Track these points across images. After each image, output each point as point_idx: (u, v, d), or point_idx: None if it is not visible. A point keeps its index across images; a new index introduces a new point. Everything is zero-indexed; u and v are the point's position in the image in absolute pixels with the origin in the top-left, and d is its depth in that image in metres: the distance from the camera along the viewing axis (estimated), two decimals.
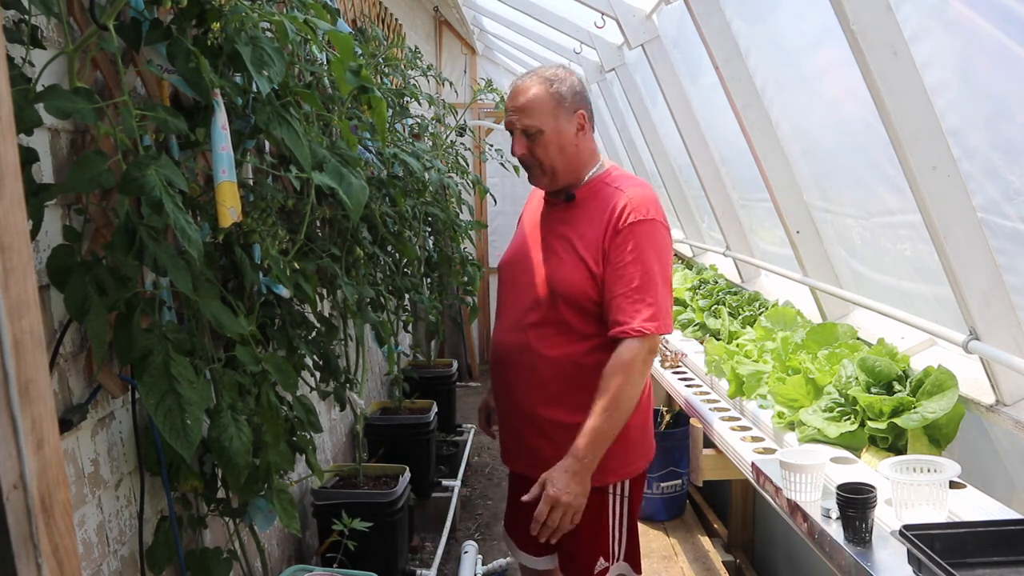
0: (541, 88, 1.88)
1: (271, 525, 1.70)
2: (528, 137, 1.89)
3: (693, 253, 4.35)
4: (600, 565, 1.95)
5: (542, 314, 1.92)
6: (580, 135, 1.90)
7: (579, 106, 1.90)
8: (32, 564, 0.57)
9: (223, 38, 1.38)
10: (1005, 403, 1.70)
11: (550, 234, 1.98)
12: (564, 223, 1.94)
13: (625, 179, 1.93)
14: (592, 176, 1.94)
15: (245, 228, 1.61)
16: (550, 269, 1.92)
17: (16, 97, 1.05)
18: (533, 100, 1.87)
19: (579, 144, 1.91)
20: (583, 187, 1.94)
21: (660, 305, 1.79)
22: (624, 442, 1.89)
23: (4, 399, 0.55)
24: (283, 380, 1.61)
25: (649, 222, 1.82)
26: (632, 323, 1.77)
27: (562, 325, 1.89)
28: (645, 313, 1.77)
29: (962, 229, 1.63)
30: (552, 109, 1.87)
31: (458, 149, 3.72)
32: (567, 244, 1.91)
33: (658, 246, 1.83)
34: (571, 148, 1.90)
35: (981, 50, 1.58)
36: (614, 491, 1.94)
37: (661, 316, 1.79)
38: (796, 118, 2.47)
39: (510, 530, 2.18)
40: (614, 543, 1.96)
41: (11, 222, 0.55)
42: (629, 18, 3.28)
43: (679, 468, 3.47)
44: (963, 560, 1.26)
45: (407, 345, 4.21)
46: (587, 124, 1.92)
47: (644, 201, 1.84)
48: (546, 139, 1.88)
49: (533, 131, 1.88)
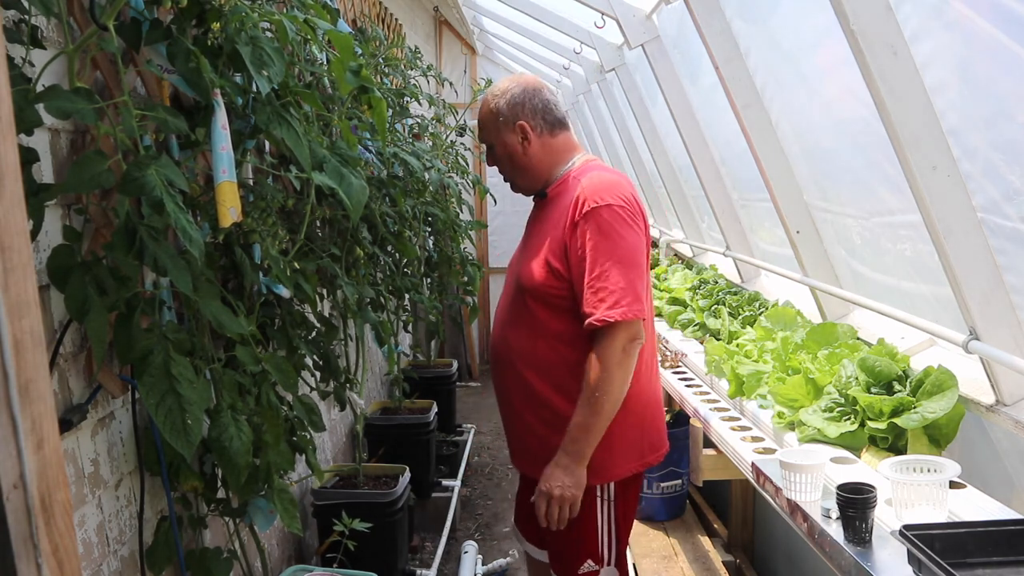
0: (486, 106, 1.99)
1: (271, 525, 1.70)
2: (488, 151, 2.03)
3: (693, 253, 4.35)
4: (588, 567, 1.95)
5: (516, 311, 1.96)
6: (526, 144, 1.95)
7: (518, 118, 1.94)
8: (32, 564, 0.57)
9: (223, 38, 1.38)
10: (1005, 403, 1.70)
11: (531, 233, 2.04)
12: (539, 221, 2.00)
13: (588, 170, 1.93)
14: (563, 172, 1.97)
15: (245, 228, 1.61)
16: (521, 266, 1.95)
17: (16, 97, 1.05)
18: (481, 118, 2.00)
19: (528, 152, 1.96)
20: (554, 185, 1.98)
21: (623, 290, 1.75)
22: (609, 443, 1.89)
23: (4, 399, 0.55)
24: (283, 380, 1.61)
25: (603, 208, 1.79)
26: (596, 313, 1.76)
27: (533, 321, 1.91)
28: (608, 301, 1.75)
29: (962, 229, 1.63)
30: (494, 124, 1.97)
31: (458, 149, 3.72)
32: (538, 241, 1.94)
33: (616, 230, 1.79)
34: (520, 158, 1.97)
35: (981, 50, 1.58)
36: (600, 493, 1.94)
37: (625, 301, 1.74)
38: (796, 118, 2.47)
39: (518, 521, 2.24)
40: (603, 547, 1.95)
41: (11, 222, 0.55)
42: (629, 18, 3.28)
43: (679, 468, 3.47)
44: (963, 560, 1.26)
45: (407, 345, 4.21)
46: (532, 132, 1.95)
47: (597, 188, 1.82)
48: (497, 152, 2.00)
49: (488, 145, 2.01)
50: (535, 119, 1.94)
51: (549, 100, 1.98)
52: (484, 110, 1.99)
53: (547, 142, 1.97)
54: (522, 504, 2.17)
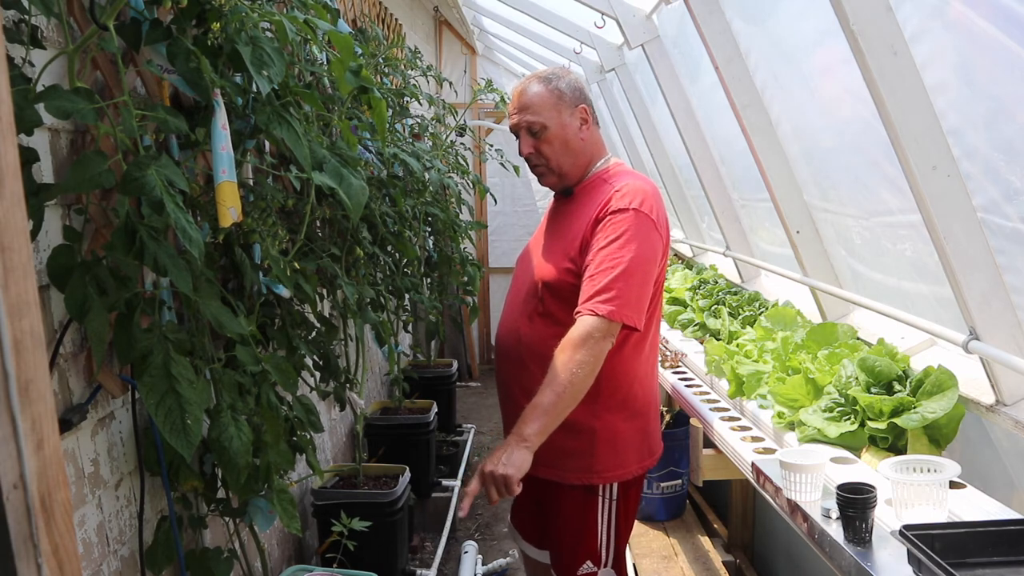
0: (540, 86, 1.90)
1: (271, 525, 1.70)
2: (533, 135, 1.90)
3: (693, 253, 4.35)
4: (587, 568, 1.94)
5: (532, 307, 1.94)
6: (584, 129, 1.92)
7: (580, 101, 1.91)
8: (32, 564, 0.57)
9: (223, 38, 1.38)
10: (1005, 403, 1.70)
11: (550, 229, 2.01)
12: (562, 217, 1.98)
13: (623, 175, 1.92)
14: (594, 171, 1.95)
15: (245, 228, 1.61)
16: (540, 262, 1.94)
17: (16, 97, 1.05)
18: (534, 98, 1.89)
19: (584, 138, 1.92)
20: (584, 182, 1.95)
21: (623, 292, 1.72)
22: (613, 444, 1.89)
23: (4, 399, 0.55)
24: (283, 380, 1.61)
25: (631, 212, 1.78)
26: (588, 303, 1.73)
27: (549, 318, 1.90)
28: (604, 295, 1.72)
29: (962, 229, 1.63)
30: (554, 104, 1.88)
31: (458, 149, 3.72)
32: (559, 237, 1.93)
33: (635, 235, 1.76)
34: (576, 143, 1.91)
35: (981, 50, 1.58)
36: (603, 493, 1.94)
37: (619, 301, 1.71)
38: (796, 118, 2.47)
39: (515, 521, 2.23)
40: (602, 547, 1.95)
41: (11, 222, 0.55)
42: (629, 18, 3.28)
43: (679, 468, 3.47)
44: (963, 560, 1.26)
45: (407, 345, 4.21)
46: (590, 119, 1.93)
47: (630, 192, 1.82)
48: (551, 135, 1.89)
49: (537, 128, 1.89)
50: (591, 108, 1.94)
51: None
52: (540, 90, 1.89)
53: (595, 133, 1.96)
54: (519, 504, 2.17)
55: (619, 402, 1.91)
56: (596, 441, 1.90)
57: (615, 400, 1.91)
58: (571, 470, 1.92)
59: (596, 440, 1.90)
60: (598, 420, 1.90)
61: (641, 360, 1.95)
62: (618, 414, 1.92)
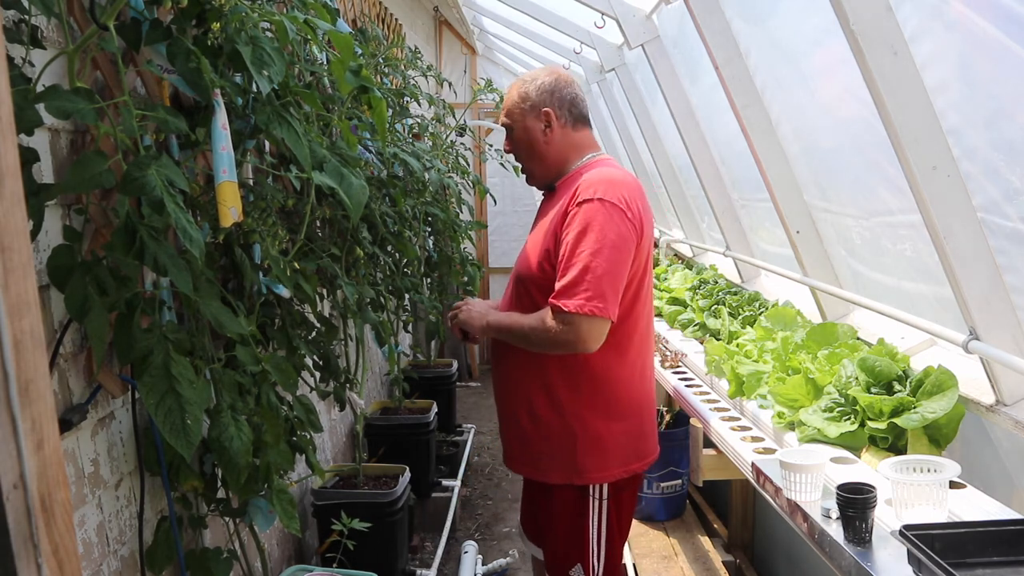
0: (514, 88, 2.01)
1: (271, 525, 1.70)
2: (508, 134, 2.03)
3: (693, 253, 4.35)
4: (576, 573, 1.95)
5: (520, 301, 1.97)
6: (548, 132, 1.95)
7: (546, 104, 1.95)
8: (32, 564, 0.57)
9: (223, 38, 1.38)
10: (1005, 403, 1.70)
11: (534, 225, 2.06)
12: (542, 212, 2.02)
13: (595, 164, 1.94)
14: (576, 167, 1.98)
15: (245, 228, 1.61)
16: (524, 257, 1.98)
17: (16, 97, 1.05)
18: (507, 99, 2.01)
19: (548, 141, 1.96)
20: (563, 179, 1.99)
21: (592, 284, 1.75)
22: (596, 445, 1.89)
23: (4, 399, 0.55)
24: (283, 380, 1.61)
25: (595, 201, 1.79)
26: (557, 299, 1.78)
27: (533, 309, 1.91)
28: (570, 291, 1.77)
29: (962, 229, 1.63)
30: (519, 108, 1.97)
31: (458, 149, 3.72)
32: (538, 231, 1.96)
33: (601, 225, 1.78)
34: (540, 146, 1.97)
35: (981, 50, 1.58)
36: (593, 493, 1.94)
37: (584, 295, 1.75)
38: (796, 118, 2.47)
39: (523, 523, 2.26)
40: (593, 550, 1.95)
41: (11, 222, 0.55)
42: (629, 18, 3.28)
43: (679, 468, 3.47)
44: (963, 560, 1.26)
45: (407, 345, 4.21)
46: (556, 120, 1.95)
47: (596, 182, 1.83)
48: (516, 136, 2.00)
49: (507, 127, 2.02)
50: (561, 109, 1.96)
51: (577, 95, 1.99)
52: (511, 93, 2.00)
53: (568, 134, 1.98)
54: (526, 505, 2.19)
55: (602, 404, 1.92)
56: (577, 442, 1.92)
57: (597, 402, 1.92)
58: (554, 470, 1.95)
59: (577, 441, 1.92)
60: (579, 421, 1.92)
61: (626, 363, 1.94)
62: (601, 416, 1.92)
